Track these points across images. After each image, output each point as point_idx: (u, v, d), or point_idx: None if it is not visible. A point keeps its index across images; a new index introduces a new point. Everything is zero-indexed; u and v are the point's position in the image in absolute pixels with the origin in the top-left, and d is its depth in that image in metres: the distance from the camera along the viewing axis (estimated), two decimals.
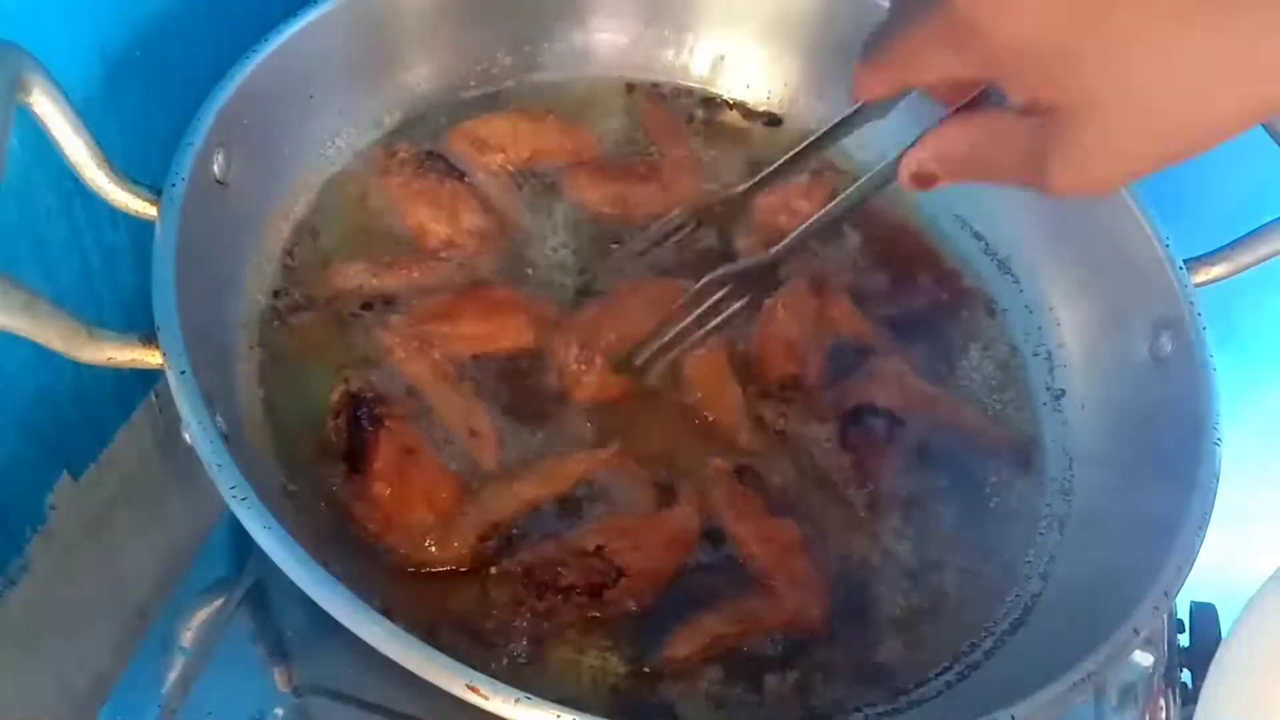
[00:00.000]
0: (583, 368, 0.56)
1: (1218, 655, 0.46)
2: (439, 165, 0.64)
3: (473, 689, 0.37)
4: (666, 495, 0.53)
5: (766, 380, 0.58)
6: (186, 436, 0.43)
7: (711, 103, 0.74)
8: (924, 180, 0.41)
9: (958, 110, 0.39)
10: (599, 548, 0.50)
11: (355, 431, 0.51)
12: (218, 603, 0.54)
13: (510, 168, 0.66)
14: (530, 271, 0.62)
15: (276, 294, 0.58)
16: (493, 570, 0.49)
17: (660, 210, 0.65)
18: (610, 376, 0.56)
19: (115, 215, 0.48)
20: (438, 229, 0.61)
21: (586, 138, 0.69)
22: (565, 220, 0.65)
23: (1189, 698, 0.59)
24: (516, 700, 0.37)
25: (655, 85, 0.74)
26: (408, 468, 0.50)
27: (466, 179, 0.64)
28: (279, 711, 0.50)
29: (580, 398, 0.56)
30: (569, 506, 0.52)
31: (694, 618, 0.50)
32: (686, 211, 0.63)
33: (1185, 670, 0.60)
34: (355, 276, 0.59)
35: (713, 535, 0.53)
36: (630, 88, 0.73)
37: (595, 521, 0.51)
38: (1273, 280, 0.61)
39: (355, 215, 0.62)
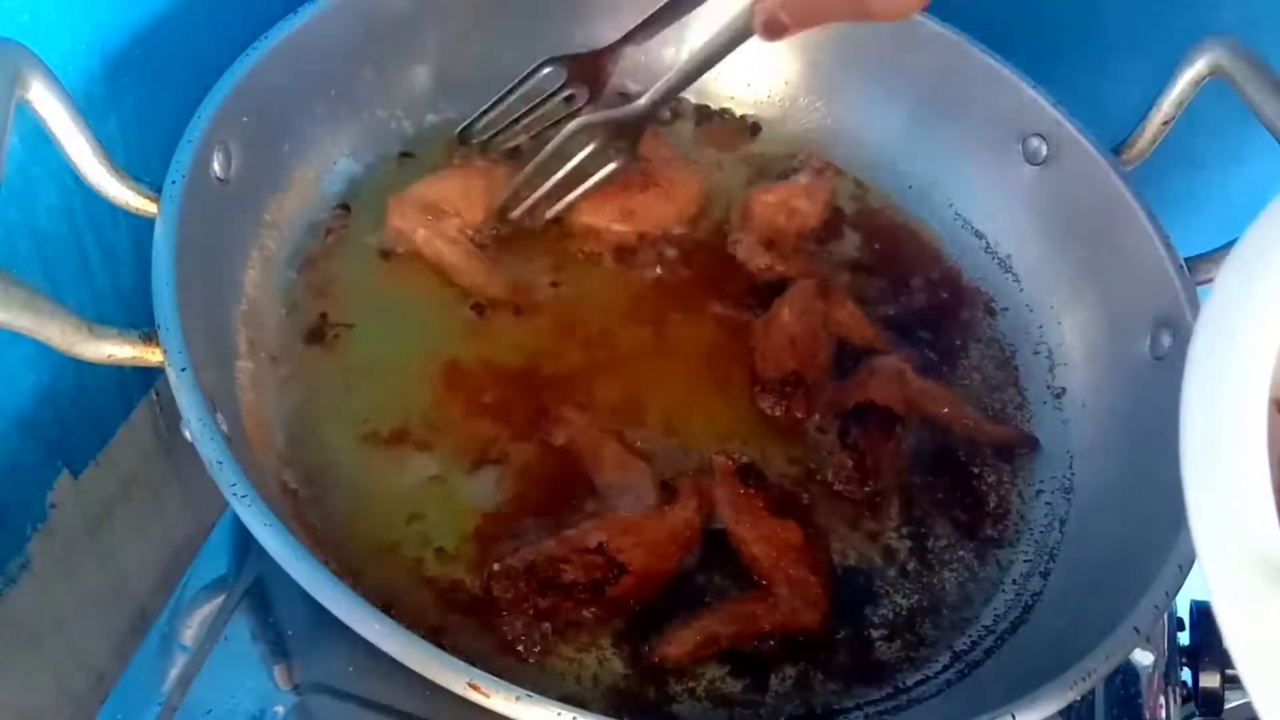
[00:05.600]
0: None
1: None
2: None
3: (474, 687, 0.37)
4: (668, 492, 0.53)
5: (770, 378, 0.58)
6: (187, 434, 0.43)
7: (704, 110, 0.74)
8: (774, 28, 0.50)
9: None
10: (601, 544, 0.49)
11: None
12: (218, 601, 0.54)
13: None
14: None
15: (277, 292, 0.58)
16: (495, 566, 0.49)
17: (669, 217, 0.65)
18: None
19: (116, 212, 0.48)
20: None
21: None
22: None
23: (1189, 697, 0.59)
24: (517, 698, 0.37)
25: None
26: None
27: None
28: (280, 709, 0.50)
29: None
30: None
31: (689, 618, 0.50)
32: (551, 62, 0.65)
33: (1185, 669, 0.59)
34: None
35: (714, 535, 0.53)
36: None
37: (597, 518, 0.51)
38: None
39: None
